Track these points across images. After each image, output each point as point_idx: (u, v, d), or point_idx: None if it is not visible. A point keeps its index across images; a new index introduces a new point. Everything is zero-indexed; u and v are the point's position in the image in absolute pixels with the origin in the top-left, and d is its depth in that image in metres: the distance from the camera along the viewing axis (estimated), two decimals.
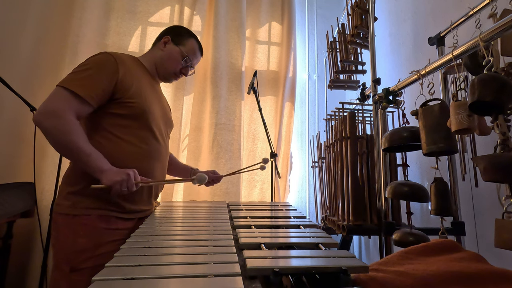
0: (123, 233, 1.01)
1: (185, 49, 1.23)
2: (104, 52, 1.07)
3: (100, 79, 0.99)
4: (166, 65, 1.22)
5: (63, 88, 0.95)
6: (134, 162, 1.04)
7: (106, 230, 0.99)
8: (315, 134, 2.50)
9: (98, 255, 0.95)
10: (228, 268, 0.51)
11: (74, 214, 0.97)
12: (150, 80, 1.20)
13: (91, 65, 1.01)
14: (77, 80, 0.97)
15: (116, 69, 1.03)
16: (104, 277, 0.47)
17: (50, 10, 2.18)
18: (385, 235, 1.35)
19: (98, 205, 0.99)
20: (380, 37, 2.25)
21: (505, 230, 0.76)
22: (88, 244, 0.96)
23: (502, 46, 1.04)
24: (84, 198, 0.98)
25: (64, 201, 0.99)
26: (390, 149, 1.31)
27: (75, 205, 0.98)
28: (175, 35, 1.24)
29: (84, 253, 0.95)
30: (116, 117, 1.04)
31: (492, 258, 0.73)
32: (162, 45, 1.23)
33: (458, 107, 0.91)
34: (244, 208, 1.21)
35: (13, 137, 1.96)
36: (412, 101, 1.23)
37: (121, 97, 1.04)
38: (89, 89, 0.97)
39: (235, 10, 2.56)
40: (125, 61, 1.09)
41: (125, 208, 1.04)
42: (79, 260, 0.94)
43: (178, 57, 1.22)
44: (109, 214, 1.01)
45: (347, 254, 0.58)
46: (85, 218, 0.97)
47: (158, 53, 1.23)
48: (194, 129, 2.36)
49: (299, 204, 2.59)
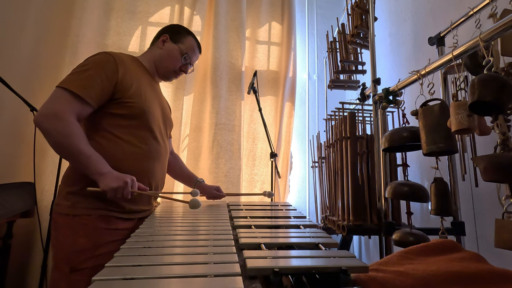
0: (123, 233, 1.01)
1: (184, 46, 1.23)
2: (104, 52, 1.07)
3: (100, 80, 0.99)
4: (166, 63, 1.22)
5: (63, 89, 0.95)
6: (133, 162, 1.05)
7: (106, 230, 0.99)
8: (315, 134, 2.50)
9: (98, 255, 0.95)
10: (228, 268, 0.51)
11: (74, 214, 0.97)
12: (149, 80, 1.20)
13: (91, 65, 1.01)
14: (77, 81, 0.97)
15: (116, 69, 1.03)
16: (104, 277, 0.47)
17: (50, 10, 2.18)
18: (385, 235, 1.35)
19: (98, 205, 0.99)
20: (380, 37, 2.25)
21: (505, 230, 0.76)
22: (88, 244, 0.96)
23: (502, 46, 1.04)
24: (84, 198, 0.98)
25: (64, 201, 0.99)
26: (390, 149, 1.31)
27: (75, 205, 0.98)
28: (173, 33, 1.24)
29: (84, 253, 0.95)
30: (116, 117, 1.04)
31: (492, 258, 0.73)
32: (160, 44, 1.23)
33: (458, 107, 0.91)
34: (244, 208, 1.20)
35: (13, 137, 1.96)
36: (412, 101, 1.23)
37: (120, 97, 1.04)
38: (89, 89, 0.97)
39: (235, 10, 2.56)
40: (125, 61, 1.09)
41: (125, 208, 1.04)
42: (79, 260, 0.94)
43: (178, 55, 1.22)
44: (109, 214, 1.01)
45: (347, 254, 0.58)
46: (85, 218, 0.97)
47: (157, 51, 1.23)
48: (194, 129, 2.36)
49: (299, 204, 2.59)
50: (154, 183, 1.13)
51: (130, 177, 0.95)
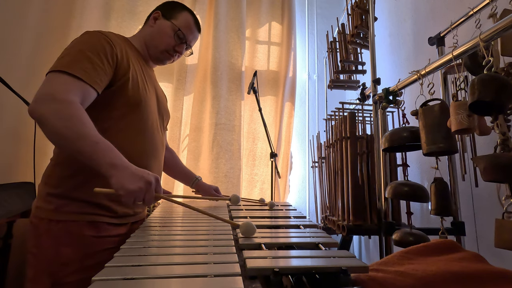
0: (114, 241, 0.89)
1: (178, 22, 1.07)
2: (92, 31, 0.90)
3: (101, 62, 0.85)
4: (156, 41, 1.06)
5: (59, 72, 0.79)
6: (127, 157, 0.90)
7: (95, 238, 0.86)
8: (315, 134, 2.50)
9: (86, 267, 0.82)
10: (228, 268, 0.51)
11: (58, 219, 0.83)
12: (144, 65, 1.06)
13: (88, 45, 0.86)
14: (73, 62, 0.81)
15: (112, 49, 0.89)
16: (104, 277, 0.47)
17: (50, 10, 2.18)
18: (385, 235, 1.35)
19: (86, 209, 0.86)
20: (380, 37, 2.25)
21: (505, 230, 0.76)
22: (74, 255, 0.82)
23: (502, 46, 1.04)
24: (69, 201, 0.85)
25: (44, 204, 0.85)
26: (390, 149, 1.31)
27: (58, 209, 0.84)
28: (166, 9, 1.09)
29: (68, 265, 0.82)
30: (107, 107, 0.90)
31: (492, 258, 0.73)
32: (152, 22, 1.08)
33: (458, 107, 0.91)
34: (244, 208, 1.20)
35: (13, 137, 1.96)
36: (412, 101, 1.23)
37: (115, 83, 0.90)
38: (93, 73, 0.82)
39: (235, 10, 2.56)
40: (118, 41, 0.95)
41: (117, 212, 0.91)
42: (63, 274, 0.81)
43: (169, 31, 1.06)
44: (98, 219, 0.87)
45: (347, 254, 0.58)
46: (70, 224, 0.84)
47: (148, 30, 1.08)
48: (194, 129, 2.36)
49: (299, 204, 2.59)
50: None
51: (153, 175, 0.74)
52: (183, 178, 1.37)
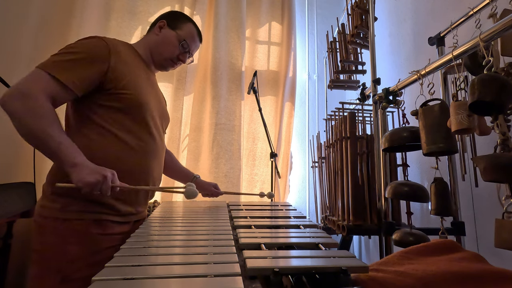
0: (119, 238, 0.93)
1: (182, 33, 1.13)
2: (97, 37, 0.97)
3: (86, 65, 0.89)
4: (161, 50, 1.12)
5: (41, 69, 0.85)
6: (129, 159, 0.96)
7: (100, 236, 0.90)
8: (315, 134, 2.50)
9: (93, 264, 0.85)
10: (228, 268, 0.51)
11: (64, 218, 0.87)
12: (145, 70, 1.11)
13: (79, 48, 0.91)
14: (57, 62, 0.87)
15: (107, 55, 0.93)
16: (104, 277, 0.47)
17: (50, 10, 2.18)
18: (385, 235, 1.35)
19: (92, 208, 0.89)
20: (380, 37, 2.25)
21: (505, 230, 0.76)
22: (81, 253, 0.86)
23: (502, 46, 1.04)
24: (75, 200, 0.88)
25: (50, 203, 0.89)
26: (390, 149, 1.31)
27: (64, 208, 0.87)
28: (171, 19, 1.15)
29: (76, 262, 0.85)
30: (109, 110, 0.95)
31: (492, 258, 0.73)
32: (157, 30, 1.13)
33: (458, 107, 0.91)
34: (244, 208, 1.20)
35: (13, 137, 1.95)
36: (412, 101, 1.23)
37: (112, 88, 0.94)
38: (70, 72, 0.86)
39: (235, 10, 2.56)
40: (119, 48, 1.00)
41: (121, 211, 0.96)
42: (71, 270, 0.85)
43: (175, 41, 1.12)
44: (103, 218, 0.91)
45: (347, 254, 0.58)
46: (76, 223, 0.87)
47: (153, 38, 1.14)
48: (194, 129, 2.36)
49: (299, 204, 2.59)
50: (152, 182, 1.04)
51: (110, 170, 0.82)
52: (182, 177, 1.38)
